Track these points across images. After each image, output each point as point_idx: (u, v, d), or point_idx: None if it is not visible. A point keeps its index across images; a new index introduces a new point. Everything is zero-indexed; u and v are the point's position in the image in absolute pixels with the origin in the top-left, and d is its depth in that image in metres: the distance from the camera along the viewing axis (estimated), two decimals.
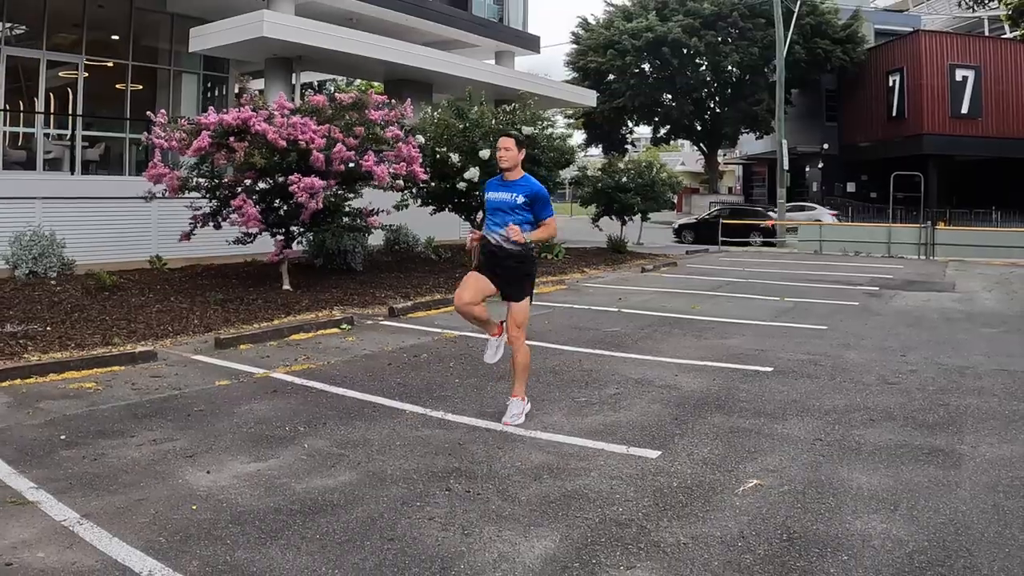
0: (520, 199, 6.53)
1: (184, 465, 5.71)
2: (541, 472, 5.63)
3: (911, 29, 50.15)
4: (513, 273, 6.65)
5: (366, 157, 12.80)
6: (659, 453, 6.03)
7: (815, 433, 6.55)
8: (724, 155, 68.13)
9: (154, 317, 10.88)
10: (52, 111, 19.32)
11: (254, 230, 13.20)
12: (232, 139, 12.31)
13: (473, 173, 16.05)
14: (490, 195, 6.75)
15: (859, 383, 8.23)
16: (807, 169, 54.64)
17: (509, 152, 6.59)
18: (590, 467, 5.74)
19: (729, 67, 50.13)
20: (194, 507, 4.98)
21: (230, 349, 9.58)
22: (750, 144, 60.20)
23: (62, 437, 6.27)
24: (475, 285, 6.63)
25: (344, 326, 11.01)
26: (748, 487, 5.40)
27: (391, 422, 6.79)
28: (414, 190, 16.89)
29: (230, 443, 6.21)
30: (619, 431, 6.58)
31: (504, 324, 6.83)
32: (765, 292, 15.63)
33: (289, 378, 8.24)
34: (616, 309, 13.08)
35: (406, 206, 17.12)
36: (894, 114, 47.77)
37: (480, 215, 19.79)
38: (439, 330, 10.92)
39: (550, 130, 18.95)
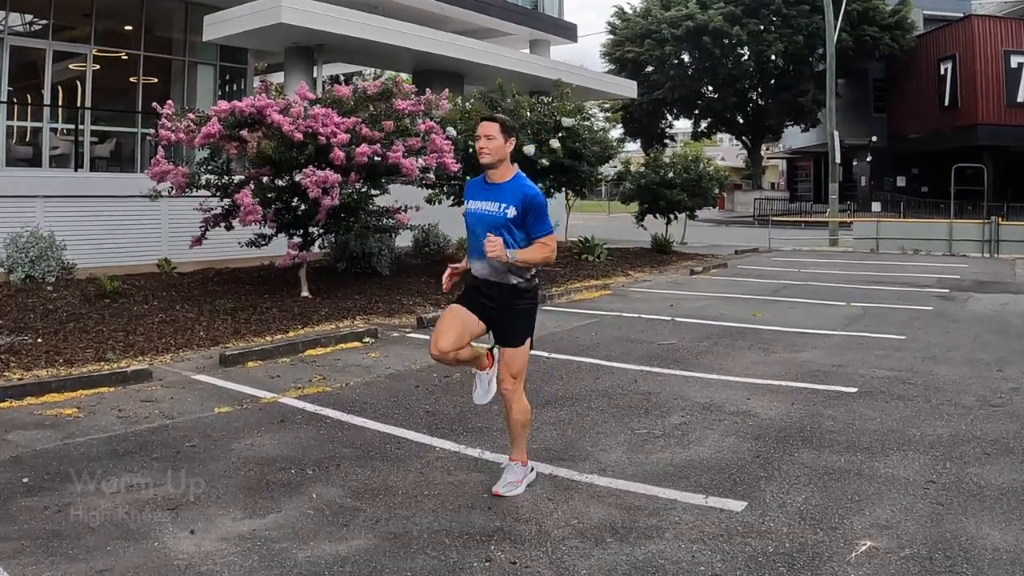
0: (510, 211, 4.98)
1: (164, 522, 4.82)
2: (603, 533, 4.66)
3: (962, 15, 48.64)
4: (507, 310, 5.17)
5: (393, 149, 11.88)
6: (744, 504, 5.08)
7: (925, 473, 5.61)
8: (767, 149, 66.97)
9: (156, 328, 10.13)
10: (60, 104, 18.60)
11: (268, 231, 12.43)
12: (245, 131, 11.44)
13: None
14: (471, 205, 5.17)
15: (959, 406, 7.31)
16: (854, 163, 53.39)
17: (492, 142, 5.00)
18: (663, 525, 4.77)
19: (773, 56, 48.86)
20: None
21: (236, 367, 8.76)
22: (795, 137, 59.01)
23: (24, 480, 5.44)
24: (457, 327, 5.13)
25: (367, 339, 10.18)
26: (861, 551, 4.42)
27: (418, 463, 5.85)
28: (445, 187, 16.12)
29: (223, 491, 5.31)
30: (692, 474, 5.62)
31: (494, 357, 5.47)
32: (828, 296, 14.75)
33: (300, 404, 7.37)
34: (669, 317, 12.20)
35: (439, 200, 16.45)
36: (946, 103, 46.37)
37: None
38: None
39: (592, 122, 18.09)
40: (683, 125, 64.55)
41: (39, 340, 9.23)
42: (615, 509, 5.01)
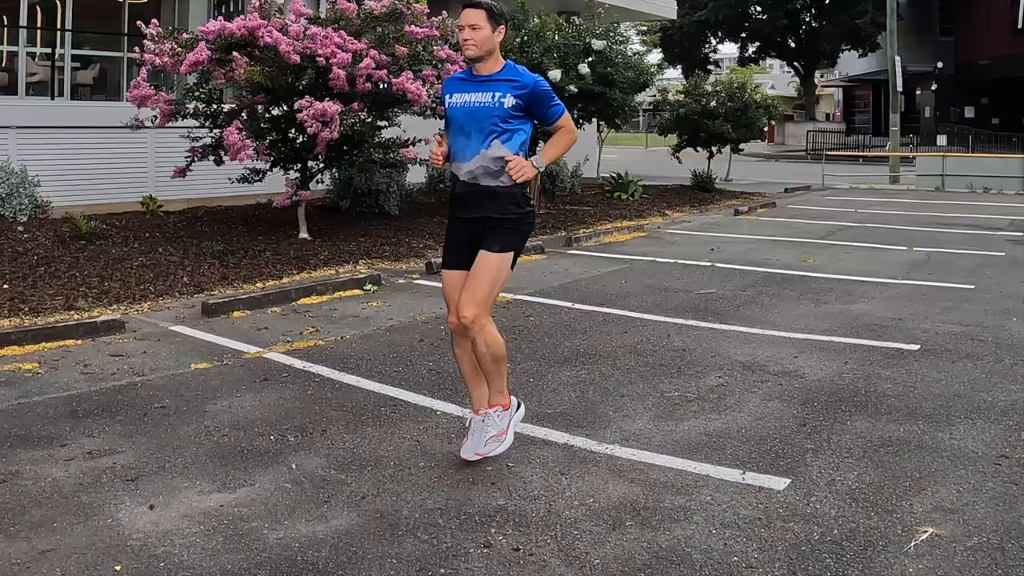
0: (508, 100, 4.66)
1: (121, 494, 4.60)
2: (622, 515, 4.38)
3: None
4: (496, 221, 4.78)
5: (401, 75, 11.54)
6: (787, 482, 4.79)
7: (996, 446, 5.32)
8: (822, 76, 65.98)
9: (134, 273, 9.93)
10: (38, 26, 18.30)
11: (262, 165, 12.15)
12: (237, 54, 11.11)
13: None
14: (455, 99, 4.81)
15: None
16: (918, 92, 52.46)
17: (478, 32, 4.65)
18: (692, 506, 4.49)
19: None
20: (118, 567, 3.86)
21: (220, 317, 8.54)
22: (851, 63, 57.95)
23: None
24: (458, 292, 4.83)
25: (368, 287, 9.95)
26: (921, 540, 4.13)
27: (415, 429, 5.59)
28: None
29: (191, 460, 5.08)
30: (729, 445, 5.34)
31: (513, 402, 5.06)
32: (888, 240, 14.43)
33: (287, 360, 7.14)
34: (709, 263, 11.95)
35: None
36: (1019, 26, 45.30)
37: None
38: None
39: (625, 46, 17.70)
40: (729, 50, 63.70)
41: (4, 286, 9.05)
42: (637, 486, 4.73)
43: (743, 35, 54.42)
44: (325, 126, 10.90)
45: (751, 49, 56.21)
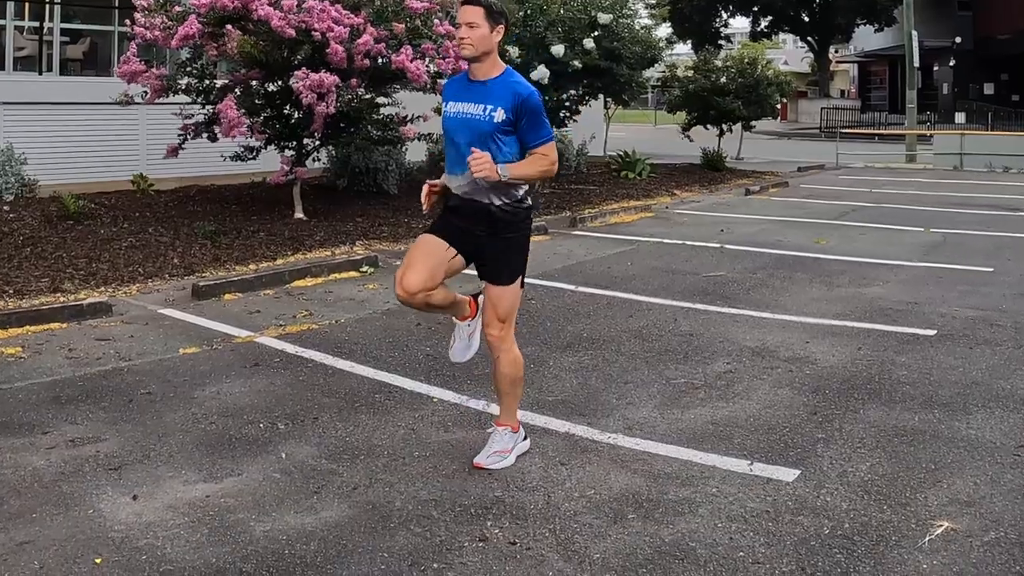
0: (498, 114, 4.50)
1: (104, 484, 4.57)
2: (624, 507, 4.33)
3: None
4: (494, 241, 4.68)
5: (401, 51, 11.46)
6: (797, 473, 4.74)
7: (1015, 436, 5.29)
8: (836, 52, 65.77)
9: (123, 255, 9.98)
10: None
11: (256, 143, 12.12)
12: (230, 27, 11.05)
13: (542, 73, 15.20)
14: (450, 107, 4.71)
15: None
16: (935, 68, 52.27)
17: (476, 30, 4.49)
18: (697, 498, 4.44)
19: None
20: (98, 560, 3.84)
21: (211, 300, 8.54)
22: (867, 38, 57.71)
23: None
24: (429, 261, 4.63)
25: (365, 268, 9.93)
26: (936, 534, 4.09)
27: (410, 416, 5.54)
28: None
29: (177, 448, 5.05)
30: (736, 434, 5.28)
31: (478, 305, 4.97)
32: (904, 221, 14.38)
33: (279, 344, 7.11)
34: (718, 245, 11.91)
35: None
36: None
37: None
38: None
39: (632, 20, 17.64)
40: (740, 24, 63.48)
41: None
42: (641, 477, 4.68)
43: (755, 8, 54.19)
44: (321, 99, 10.85)
45: (763, 23, 56.00)
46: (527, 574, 3.75)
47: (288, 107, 11.87)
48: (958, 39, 50.31)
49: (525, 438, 5.03)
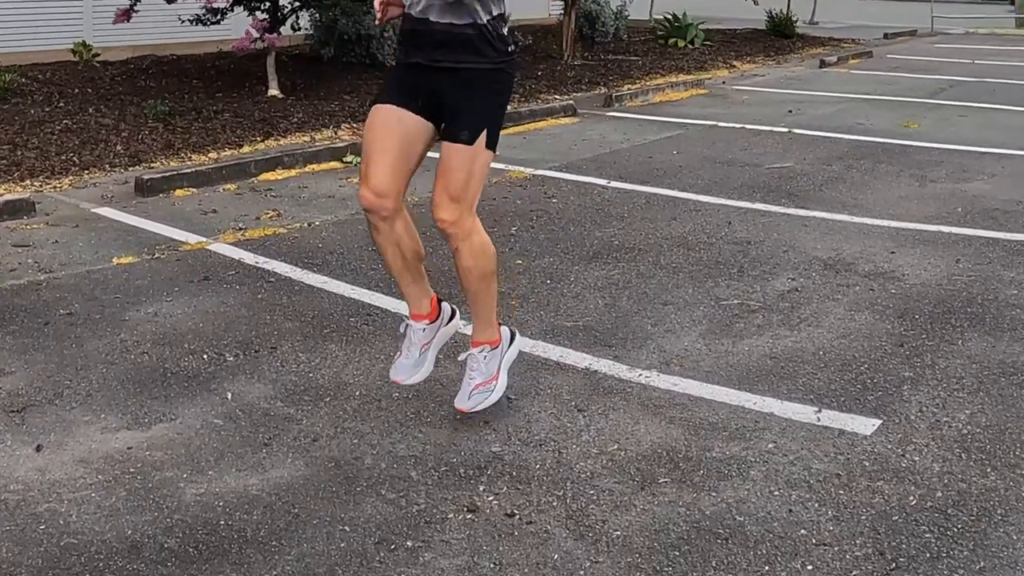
0: None
1: (2, 430, 4.49)
2: (654, 468, 4.15)
3: None
4: (462, 79, 4.21)
5: None
6: (876, 424, 4.57)
7: None
8: None
9: (55, 140, 10.10)
10: None
11: (222, 3, 12.15)
12: None
13: None
14: None
15: None
16: None
17: None
18: (748, 457, 4.26)
19: None
20: None
21: (158, 196, 8.56)
22: None
23: None
24: (390, 143, 4.24)
25: (350, 157, 9.89)
26: None
27: (392, 347, 5.26)
28: None
29: (97, 385, 4.95)
30: (801, 372, 5.13)
31: (440, 309, 4.68)
32: (1013, 99, 14.40)
33: (237, 253, 7.08)
34: (785, 129, 11.93)
35: None
36: None
37: None
38: (500, 166, 9.62)
39: None
40: None
41: None
42: (678, 428, 4.51)
43: None
44: None
45: None
46: (526, 556, 3.53)
47: None
48: None
49: (512, 340, 4.67)
